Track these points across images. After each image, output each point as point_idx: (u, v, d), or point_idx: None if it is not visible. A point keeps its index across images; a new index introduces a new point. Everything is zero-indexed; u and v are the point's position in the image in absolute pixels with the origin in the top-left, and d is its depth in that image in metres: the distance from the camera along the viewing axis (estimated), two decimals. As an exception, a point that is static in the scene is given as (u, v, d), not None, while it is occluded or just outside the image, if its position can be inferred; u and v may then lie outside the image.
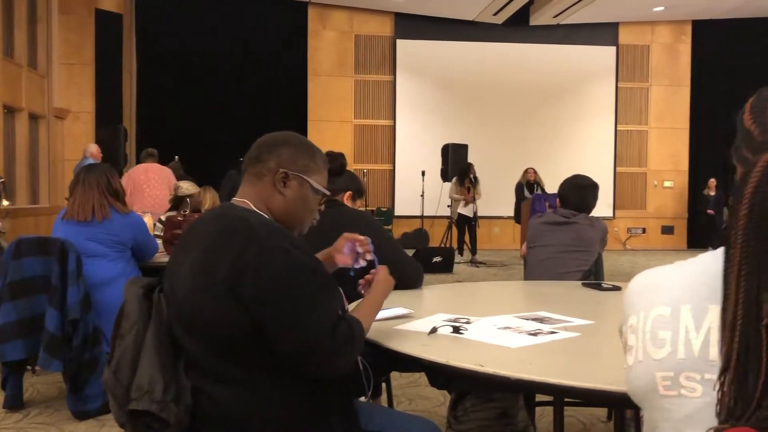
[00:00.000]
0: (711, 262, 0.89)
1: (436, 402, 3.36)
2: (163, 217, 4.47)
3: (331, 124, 12.88)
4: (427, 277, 2.51)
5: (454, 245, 10.64)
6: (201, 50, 11.88)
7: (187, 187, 4.62)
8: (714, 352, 0.82)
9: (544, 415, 3.08)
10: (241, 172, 1.58)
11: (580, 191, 3.11)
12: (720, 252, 0.89)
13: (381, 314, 1.82)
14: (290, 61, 12.62)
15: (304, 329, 1.33)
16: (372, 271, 1.71)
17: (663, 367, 0.87)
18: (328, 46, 12.93)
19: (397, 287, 2.30)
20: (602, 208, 13.22)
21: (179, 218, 3.82)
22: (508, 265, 10.14)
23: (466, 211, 10.47)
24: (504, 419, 2.21)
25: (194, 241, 1.45)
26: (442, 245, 10.62)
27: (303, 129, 12.49)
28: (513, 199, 11.46)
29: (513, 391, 2.03)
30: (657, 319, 0.90)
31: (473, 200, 10.36)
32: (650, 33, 13.70)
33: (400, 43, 13.10)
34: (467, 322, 1.76)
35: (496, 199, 12.34)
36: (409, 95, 13.16)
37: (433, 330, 1.64)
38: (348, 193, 2.56)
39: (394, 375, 3.45)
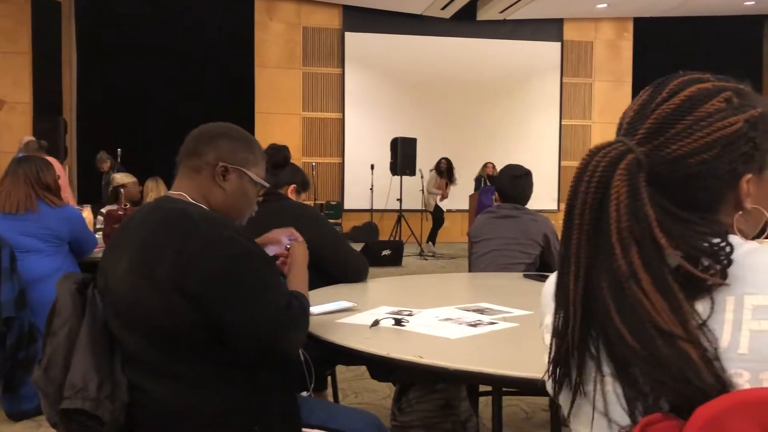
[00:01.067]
0: None
1: (382, 394, 3.37)
2: (104, 211, 4.36)
3: (278, 116, 12.76)
4: (375, 270, 2.52)
5: (404, 238, 10.71)
6: (144, 41, 11.60)
7: (120, 177, 4.51)
8: None
9: (489, 405, 3.12)
10: (176, 164, 1.55)
11: (515, 182, 3.15)
12: None
13: (324, 308, 1.82)
14: (236, 52, 12.43)
15: (262, 311, 1.35)
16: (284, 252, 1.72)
17: None
18: (276, 38, 12.79)
19: (341, 280, 2.31)
20: (547, 201, 13.57)
21: (120, 212, 3.74)
22: (456, 258, 10.24)
23: (444, 204, 10.79)
24: (447, 410, 2.24)
25: (131, 235, 1.42)
26: (392, 238, 10.66)
27: (250, 121, 12.35)
28: (462, 193, 11.56)
29: (453, 382, 2.05)
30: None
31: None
32: (594, 29, 14.00)
33: (348, 35, 13.05)
34: (409, 315, 1.77)
35: (444, 192, 12.44)
36: (358, 88, 13.14)
37: (375, 323, 1.65)
38: (292, 186, 2.55)
39: (341, 368, 3.46)
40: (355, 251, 2.44)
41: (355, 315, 1.78)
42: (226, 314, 1.32)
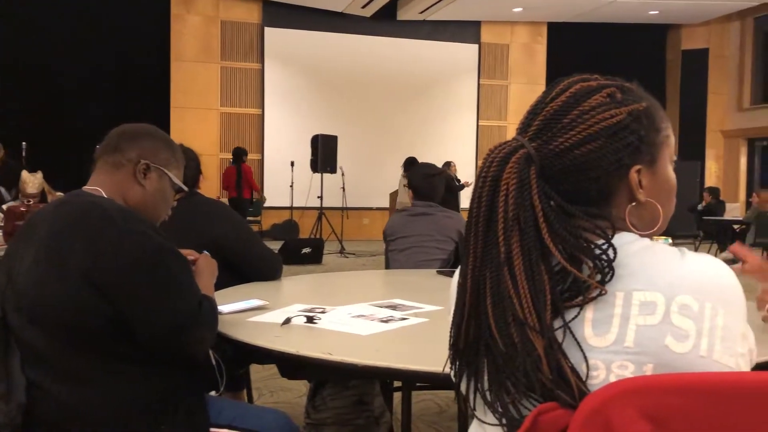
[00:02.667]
0: None
1: (298, 393, 3.36)
2: (4, 207, 4.13)
3: (195, 111, 12.46)
4: (295, 268, 2.51)
5: (324, 236, 10.68)
6: (54, 32, 11.07)
7: (25, 174, 4.30)
8: None
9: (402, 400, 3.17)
10: (93, 159, 1.52)
11: (430, 180, 3.22)
12: None
13: (234, 306, 1.80)
14: (151, 45, 12.06)
15: (175, 308, 1.35)
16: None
17: None
18: (193, 30, 12.48)
19: (254, 279, 2.28)
20: (464, 200, 13.81)
21: (22, 209, 3.56)
22: (377, 256, 10.30)
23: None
24: (361, 406, 2.26)
25: (38, 229, 1.37)
26: (312, 236, 10.61)
27: (165, 116, 12.01)
28: (383, 191, 11.65)
29: (361, 378, 2.07)
30: None
31: None
32: (510, 33, 14.38)
33: (268, 31, 12.90)
34: (322, 312, 1.77)
35: (365, 190, 12.50)
36: (278, 84, 13.00)
37: (287, 320, 1.64)
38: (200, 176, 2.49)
39: (257, 367, 3.41)
40: (268, 249, 2.42)
41: (267, 313, 1.77)
42: (137, 309, 1.31)
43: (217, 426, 1.48)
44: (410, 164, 10.52)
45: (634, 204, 0.89)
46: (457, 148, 13.85)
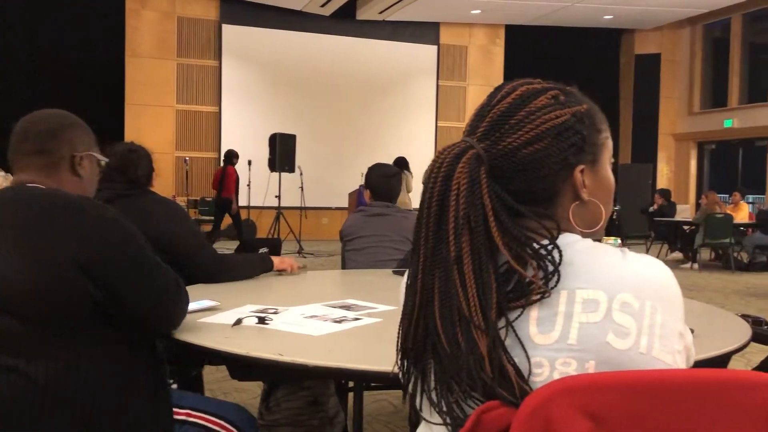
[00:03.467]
0: None
1: (253, 394, 3.33)
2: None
3: (151, 108, 12.25)
4: None
5: (282, 236, 10.61)
6: (2, 23, 10.74)
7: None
8: None
9: (359, 400, 3.17)
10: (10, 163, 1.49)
11: (389, 180, 3.22)
12: None
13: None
14: (106, 40, 11.81)
15: (161, 282, 1.44)
16: None
17: None
18: (148, 26, 12.27)
19: (198, 281, 2.24)
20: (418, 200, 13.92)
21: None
22: (335, 256, 10.28)
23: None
24: (315, 406, 2.25)
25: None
26: (270, 236, 10.53)
27: (119, 113, 11.78)
28: (342, 190, 11.61)
29: (313, 379, 2.06)
30: None
31: None
32: (468, 35, 14.51)
33: (225, 28, 12.76)
34: (275, 313, 1.76)
35: (324, 189, 12.46)
36: (235, 82, 12.87)
37: (238, 321, 1.62)
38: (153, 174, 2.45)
39: (211, 369, 3.38)
40: (213, 250, 2.38)
41: (218, 314, 1.75)
42: (128, 285, 1.36)
43: (180, 407, 1.54)
44: (400, 164, 10.65)
45: (577, 203, 0.92)
46: (416, 149, 13.89)
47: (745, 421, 0.78)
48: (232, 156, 10.55)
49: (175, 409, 1.53)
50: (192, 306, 1.78)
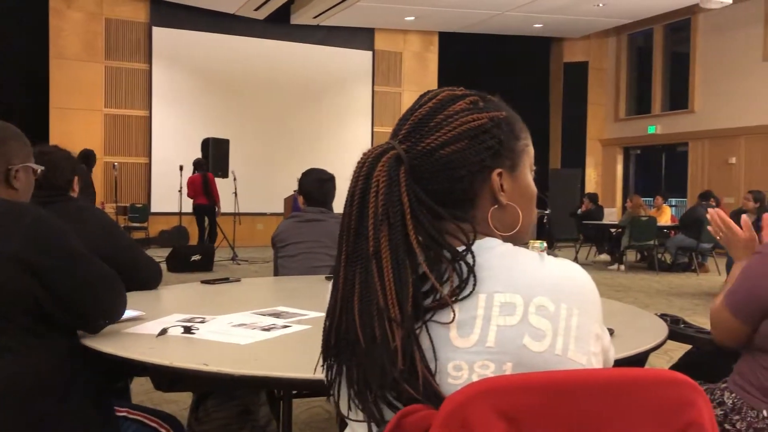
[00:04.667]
0: None
1: (183, 405, 3.25)
2: None
3: (78, 112, 11.85)
4: (184, 276, 2.43)
5: (216, 243, 10.44)
6: None
7: None
8: None
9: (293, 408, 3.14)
10: None
11: (323, 186, 3.20)
12: None
13: (107, 317, 1.72)
14: (28, 41, 11.36)
15: (97, 277, 1.49)
16: None
17: None
18: (74, 27, 11.87)
19: (129, 288, 2.19)
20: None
21: None
22: (270, 262, 10.16)
23: None
24: (246, 416, 2.22)
25: None
26: (203, 243, 10.34)
27: (44, 116, 11.35)
28: (277, 196, 11.50)
29: (239, 388, 2.04)
30: None
31: None
32: (403, 41, 14.65)
33: (156, 30, 12.48)
34: (201, 322, 1.73)
35: (258, 195, 12.32)
36: (166, 86, 12.60)
37: (163, 331, 1.58)
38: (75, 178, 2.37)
39: (141, 380, 3.28)
40: (146, 256, 2.33)
41: (143, 324, 1.70)
42: (66, 282, 1.40)
43: (118, 406, 1.60)
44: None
45: (496, 207, 0.94)
46: (353, 154, 13.64)
47: (653, 417, 0.81)
48: (203, 163, 10.43)
49: (115, 407, 1.57)
50: (115, 316, 1.73)
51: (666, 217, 10.99)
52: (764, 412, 1.60)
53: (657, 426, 0.80)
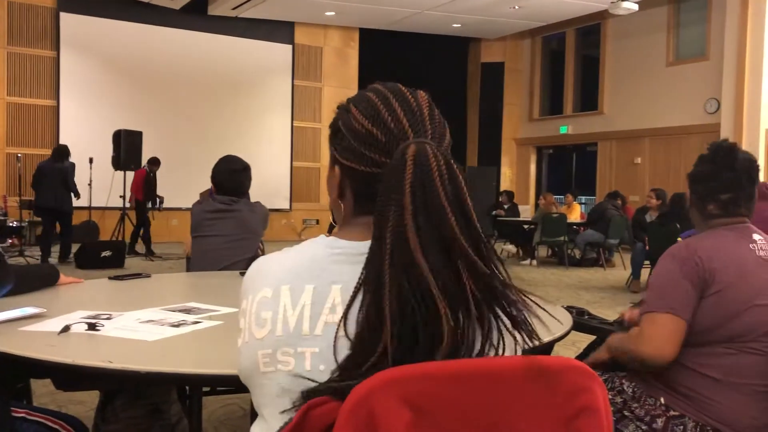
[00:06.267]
0: (313, 247, 0.98)
1: (91, 405, 3.13)
2: None
3: (-24, 100, 11.17)
4: (93, 273, 2.33)
5: (128, 239, 10.10)
6: None
7: None
8: (306, 327, 0.90)
9: (206, 406, 3.08)
10: None
11: (234, 175, 3.11)
12: (321, 239, 0.99)
13: (4, 315, 1.64)
14: None
15: None
16: None
17: (263, 346, 0.92)
18: (-27, 10, 11.18)
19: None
20: (279, 200, 13.79)
21: None
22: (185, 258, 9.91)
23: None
24: (156, 414, 2.16)
25: None
26: (114, 239, 9.96)
27: (-61, 104, 10.64)
28: (193, 190, 11.19)
29: (150, 385, 1.99)
30: (261, 301, 0.94)
31: None
32: (323, 36, 14.57)
33: (64, 16, 11.91)
34: (108, 318, 1.67)
35: (174, 189, 11.97)
36: (75, 75, 12.05)
37: (65, 329, 1.52)
38: None
39: (44, 382, 3.14)
40: None
41: (44, 321, 1.63)
42: None
43: (17, 407, 1.52)
44: None
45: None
46: (272, 148, 13.76)
47: (551, 402, 0.85)
48: (157, 162, 10.48)
49: (12, 408, 1.49)
50: (12, 314, 1.65)
51: (576, 214, 11.42)
52: (662, 399, 1.68)
53: (554, 410, 0.84)
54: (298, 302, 0.91)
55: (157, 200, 10.58)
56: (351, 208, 1.00)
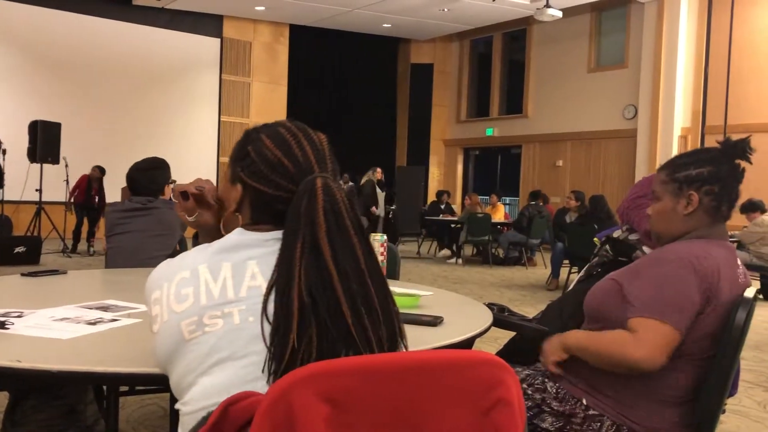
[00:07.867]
0: (219, 241, 1.11)
1: None
2: None
3: None
4: (5, 269, 2.22)
5: (44, 234, 9.68)
6: None
7: None
8: (231, 294, 1.02)
9: (124, 407, 3.00)
10: None
11: (150, 174, 3.10)
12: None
13: None
14: None
15: None
16: None
17: (187, 315, 1.01)
18: None
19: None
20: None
21: None
22: (104, 255, 9.59)
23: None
24: (71, 416, 2.08)
25: None
26: (29, 234, 9.53)
27: None
28: (114, 185, 10.84)
29: (61, 385, 1.92)
30: (180, 282, 1.05)
31: None
32: (252, 30, 14.37)
33: (-24, -1, 11.31)
34: (18, 316, 1.61)
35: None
36: (-12, 61, 11.46)
37: (-28, 327, 1.45)
38: None
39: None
40: None
41: (-52, 320, 1.55)
42: None
43: None
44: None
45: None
46: (199, 143, 13.48)
47: (466, 395, 0.87)
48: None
49: None
50: None
51: (500, 214, 11.68)
52: (584, 400, 1.71)
53: (469, 403, 0.87)
54: (218, 277, 1.03)
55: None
56: (248, 219, 1.14)
